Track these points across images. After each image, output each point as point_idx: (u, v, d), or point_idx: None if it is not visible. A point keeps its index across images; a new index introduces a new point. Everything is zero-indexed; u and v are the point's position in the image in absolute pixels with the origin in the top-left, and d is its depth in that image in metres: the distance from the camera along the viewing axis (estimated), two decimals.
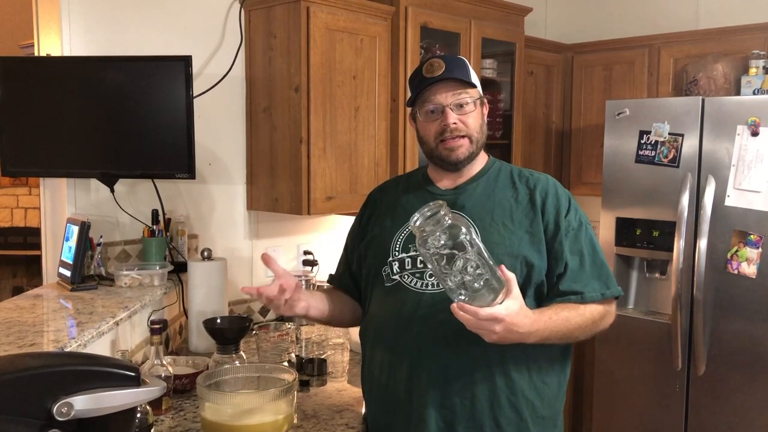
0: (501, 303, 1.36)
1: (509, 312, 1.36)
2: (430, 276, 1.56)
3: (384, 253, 1.65)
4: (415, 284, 1.58)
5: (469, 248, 1.36)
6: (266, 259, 1.57)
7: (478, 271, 1.35)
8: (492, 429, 1.54)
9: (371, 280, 1.69)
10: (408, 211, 1.64)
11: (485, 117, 1.68)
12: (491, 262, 1.37)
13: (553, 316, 1.48)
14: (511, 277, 1.38)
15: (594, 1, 4.09)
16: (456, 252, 1.35)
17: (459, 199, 1.64)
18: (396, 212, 1.70)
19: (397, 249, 1.63)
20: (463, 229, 1.37)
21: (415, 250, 1.58)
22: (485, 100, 1.69)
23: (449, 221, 1.38)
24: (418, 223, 1.39)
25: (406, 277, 1.60)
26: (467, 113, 1.61)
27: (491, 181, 1.67)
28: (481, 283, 1.36)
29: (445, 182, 1.69)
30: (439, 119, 1.61)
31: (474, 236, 1.38)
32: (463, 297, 1.36)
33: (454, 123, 1.60)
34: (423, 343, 1.55)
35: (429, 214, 1.39)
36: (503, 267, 1.39)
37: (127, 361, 1.47)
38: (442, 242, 1.36)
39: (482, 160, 1.70)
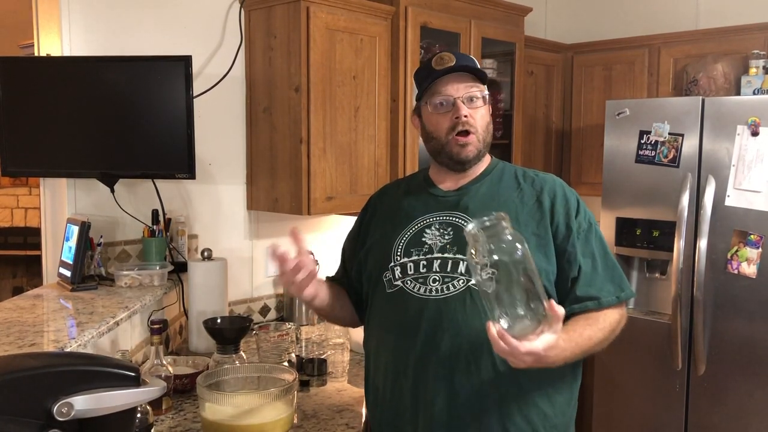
0: (541, 335, 1.28)
1: (546, 346, 1.28)
2: (434, 281, 1.51)
3: (385, 258, 1.59)
4: (419, 290, 1.52)
5: (525, 270, 1.26)
6: (294, 234, 1.49)
7: (527, 297, 1.26)
8: None
9: (372, 286, 1.63)
10: (409, 215, 1.62)
11: (490, 117, 1.65)
12: (540, 289, 1.29)
13: (579, 340, 1.42)
14: (561, 312, 1.29)
15: (594, 1, 4.09)
16: (509, 271, 1.25)
17: (462, 201, 1.59)
18: (397, 216, 1.64)
19: (399, 253, 1.58)
20: (519, 247, 1.27)
21: (418, 255, 1.55)
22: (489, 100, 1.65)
23: (509, 236, 1.27)
24: (473, 230, 1.28)
25: (408, 282, 1.54)
26: (476, 108, 1.57)
27: (495, 181, 1.62)
28: (527, 309, 1.27)
29: (448, 184, 1.64)
30: (450, 112, 1.56)
31: (531, 258, 1.29)
32: (503, 321, 1.27)
33: (466, 116, 1.54)
34: (429, 352, 1.49)
35: (488, 224, 1.28)
36: (553, 302, 1.28)
37: (127, 361, 1.47)
38: (497, 257, 1.25)
39: (486, 160, 1.66)
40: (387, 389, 1.57)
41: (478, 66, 1.62)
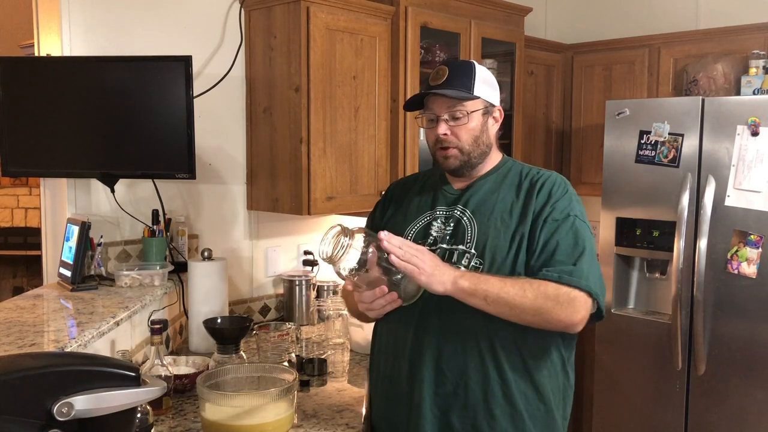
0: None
1: (414, 247, 1.50)
2: None
3: None
4: None
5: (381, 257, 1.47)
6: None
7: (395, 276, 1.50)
8: (486, 419, 1.57)
9: None
10: (420, 208, 1.74)
11: (490, 126, 1.69)
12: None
13: (485, 275, 1.52)
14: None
15: (594, 1, 4.09)
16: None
17: (465, 195, 1.69)
18: (409, 209, 1.76)
19: None
20: (368, 247, 1.47)
21: (423, 245, 1.62)
22: (495, 107, 1.70)
23: (350, 241, 1.46)
24: (325, 254, 1.47)
25: None
26: (460, 126, 1.64)
27: (499, 179, 1.70)
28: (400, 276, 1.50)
29: (459, 183, 1.73)
30: (435, 128, 1.66)
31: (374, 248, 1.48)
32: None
33: (444, 134, 1.64)
34: (422, 333, 1.61)
35: (329, 239, 1.47)
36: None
37: (127, 361, 1.47)
38: (354, 263, 1.47)
39: (495, 159, 1.74)
40: (387, 367, 1.70)
41: (476, 75, 1.65)
